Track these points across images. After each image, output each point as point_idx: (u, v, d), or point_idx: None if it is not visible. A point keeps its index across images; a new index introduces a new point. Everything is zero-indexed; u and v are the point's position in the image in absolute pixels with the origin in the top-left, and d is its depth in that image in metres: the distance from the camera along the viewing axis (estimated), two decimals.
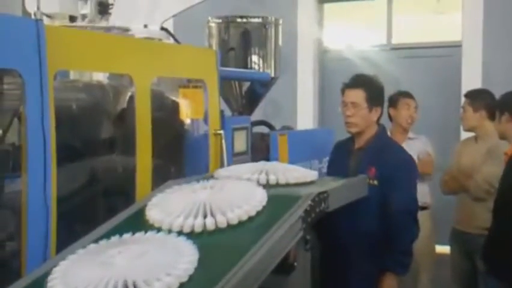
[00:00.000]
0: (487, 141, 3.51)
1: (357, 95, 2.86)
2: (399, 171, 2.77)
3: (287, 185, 2.17)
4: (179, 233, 1.76)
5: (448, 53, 5.66)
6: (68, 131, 2.19)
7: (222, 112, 2.95)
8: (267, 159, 3.27)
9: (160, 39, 3.01)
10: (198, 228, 1.76)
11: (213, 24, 3.79)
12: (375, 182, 2.73)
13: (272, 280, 1.81)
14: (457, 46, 5.58)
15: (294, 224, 1.88)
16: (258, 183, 2.11)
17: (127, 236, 1.76)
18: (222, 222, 1.79)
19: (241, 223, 1.81)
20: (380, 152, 2.85)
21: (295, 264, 2.00)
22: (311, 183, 2.25)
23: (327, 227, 2.53)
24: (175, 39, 3.18)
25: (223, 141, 2.79)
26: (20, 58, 1.84)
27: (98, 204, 2.41)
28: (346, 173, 2.80)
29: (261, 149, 3.30)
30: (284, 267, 1.92)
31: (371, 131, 2.91)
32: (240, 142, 3.00)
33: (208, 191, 1.95)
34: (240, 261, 1.63)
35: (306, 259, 2.04)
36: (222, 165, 2.75)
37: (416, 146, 3.77)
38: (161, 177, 2.38)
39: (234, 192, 1.96)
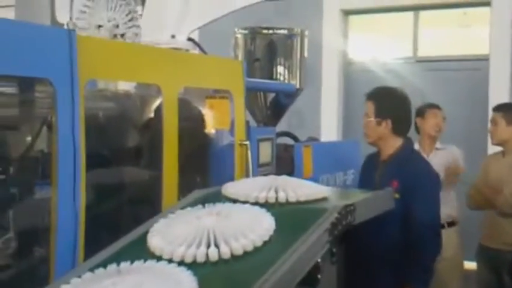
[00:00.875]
0: None
1: (368, 107, 2.92)
2: (421, 183, 2.75)
3: (298, 202, 2.05)
4: (181, 263, 1.66)
5: (475, 67, 5.61)
6: (97, 140, 2.22)
7: (247, 123, 2.96)
8: (292, 170, 3.27)
9: (187, 50, 3.04)
10: (201, 258, 1.66)
11: (239, 35, 3.81)
12: (397, 196, 2.70)
13: None
14: (484, 59, 5.52)
15: (320, 236, 1.87)
16: (267, 202, 2.01)
17: (125, 264, 1.66)
18: (226, 253, 1.68)
19: (246, 253, 1.69)
20: (403, 165, 2.83)
21: (320, 277, 1.98)
22: (323, 199, 2.13)
23: (350, 240, 2.51)
24: (202, 50, 3.20)
25: (249, 151, 2.79)
26: (52, 67, 1.87)
27: (125, 213, 2.43)
28: (372, 185, 2.78)
29: (285, 160, 3.29)
30: (309, 281, 1.90)
31: (394, 143, 2.89)
32: (265, 153, 3.00)
33: (214, 217, 1.83)
34: (265, 274, 1.61)
35: (332, 272, 2.02)
36: (247, 176, 2.75)
37: (443, 156, 3.74)
38: (187, 186, 2.39)
39: (241, 220, 1.83)
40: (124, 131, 2.56)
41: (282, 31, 3.82)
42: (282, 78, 3.76)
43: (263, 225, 1.82)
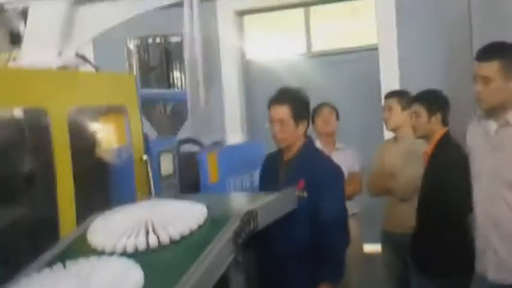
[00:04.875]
0: (405, 141, 3.63)
1: (283, 112, 2.87)
2: (327, 180, 2.82)
3: (172, 243, 1.90)
4: None
5: (366, 57, 5.83)
6: None
7: (145, 136, 2.91)
8: (197, 178, 3.25)
9: (76, 66, 2.94)
10: None
11: (131, 45, 3.75)
12: (305, 194, 2.76)
13: None
14: (374, 49, 5.76)
15: (224, 247, 1.88)
16: (137, 249, 1.87)
17: None
18: None
19: None
20: (308, 163, 2.88)
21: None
22: (199, 228, 2.00)
23: (261, 241, 2.54)
24: (92, 65, 3.11)
25: (149, 166, 2.75)
26: None
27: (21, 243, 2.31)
28: (277, 185, 2.82)
29: (191, 169, 3.27)
30: None
31: (298, 143, 2.94)
32: (167, 165, 2.96)
33: (73, 282, 1.68)
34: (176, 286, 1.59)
35: (240, 281, 2.03)
36: (149, 191, 2.71)
37: (343, 158, 3.72)
38: (87, 210, 2.31)
39: (103, 282, 1.69)
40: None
41: (175, 38, 3.80)
42: (179, 83, 3.74)
43: (128, 285, 1.68)
